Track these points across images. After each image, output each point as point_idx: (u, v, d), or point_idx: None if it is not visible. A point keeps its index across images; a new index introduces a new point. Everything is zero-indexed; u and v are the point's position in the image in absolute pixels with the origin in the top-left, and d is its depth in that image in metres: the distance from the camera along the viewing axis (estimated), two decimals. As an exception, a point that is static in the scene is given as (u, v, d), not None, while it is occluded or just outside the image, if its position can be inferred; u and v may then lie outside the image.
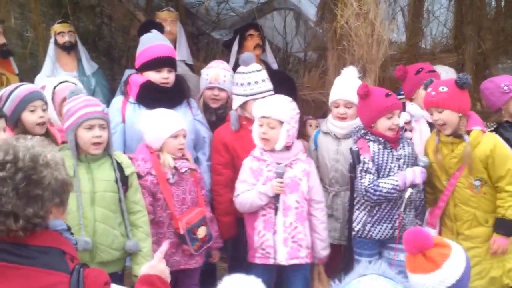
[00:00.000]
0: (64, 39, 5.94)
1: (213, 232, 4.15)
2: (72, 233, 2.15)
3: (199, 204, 4.06)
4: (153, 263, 2.37)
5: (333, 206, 4.40)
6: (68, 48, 5.97)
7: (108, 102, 4.96)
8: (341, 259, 4.41)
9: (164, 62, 4.38)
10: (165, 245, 2.48)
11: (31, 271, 1.96)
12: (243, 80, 4.42)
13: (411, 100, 4.58)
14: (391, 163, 4.08)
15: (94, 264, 3.56)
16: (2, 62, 5.75)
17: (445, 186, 4.07)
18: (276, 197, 3.96)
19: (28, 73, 6.17)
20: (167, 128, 3.95)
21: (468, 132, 3.94)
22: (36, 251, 1.99)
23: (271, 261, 4.01)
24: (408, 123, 4.39)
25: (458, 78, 3.89)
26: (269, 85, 4.46)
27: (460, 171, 3.99)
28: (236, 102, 4.44)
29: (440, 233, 4.12)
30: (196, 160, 4.45)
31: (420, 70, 4.59)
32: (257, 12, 6.99)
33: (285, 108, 4.01)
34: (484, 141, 3.94)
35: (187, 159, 4.05)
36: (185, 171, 3.97)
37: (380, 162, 4.08)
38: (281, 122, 3.97)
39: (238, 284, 2.48)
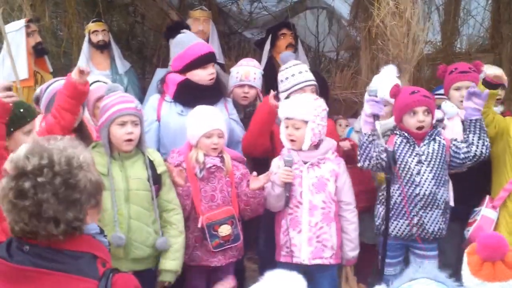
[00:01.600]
0: (98, 38, 6.00)
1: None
2: (105, 236, 2.15)
3: (232, 204, 4.03)
4: None
5: (368, 204, 4.37)
6: (102, 47, 6.02)
7: (139, 101, 4.99)
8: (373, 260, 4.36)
9: (209, 59, 4.44)
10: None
11: (62, 277, 1.95)
12: (282, 76, 4.48)
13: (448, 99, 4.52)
14: (409, 157, 4.00)
15: (128, 261, 3.62)
16: (37, 60, 5.81)
17: None
18: (287, 186, 3.89)
19: (62, 72, 6.21)
20: (201, 127, 3.96)
21: None
22: (69, 256, 1.98)
23: (294, 260, 3.97)
24: (441, 120, 4.30)
25: None
26: (307, 76, 4.44)
27: None
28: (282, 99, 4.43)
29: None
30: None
31: (454, 70, 4.50)
32: (290, 11, 6.97)
33: (308, 107, 3.95)
34: None
35: (222, 158, 4.02)
36: (210, 167, 3.95)
37: (399, 155, 4.01)
38: (306, 122, 3.93)
39: (280, 279, 2.44)
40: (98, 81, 4.57)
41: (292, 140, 4.00)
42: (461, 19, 6.95)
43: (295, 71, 4.43)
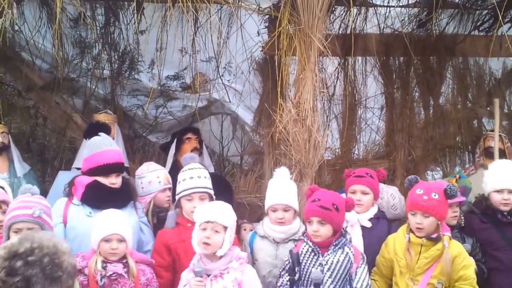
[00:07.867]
0: (-4, 140, 5.82)
1: None
2: None
3: None
4: None
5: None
6: (0, 149, 5.84)
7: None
8: None
9: (112, 169, 4.37)
10: None
11: None
12: (180, 178, 4.43)
13: None
14: (313, 267, 3.94)
15: None
16: None
17: (408, 285, 3.99)
18: None
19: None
20: (100, 231, 3.88)
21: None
22: None
23: None
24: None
25: (449, 189, 3.93)
26: (198, 182, 4.37)
27: (430, 272, 3.95)
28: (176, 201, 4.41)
29: None
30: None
31: (351, 174, 4.68)
32: (195, 116, 7.09)
33: (229, 214, 3.91)
34: (452, 246, 3.97)
35: (125, 263, 3.89)
36: (111, 275, 3.82)
37: (303, 264, 3.97)
38: (225, 228, 3.86)
39: None
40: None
41: (206, 244, 3.83)
42: (358, 127, 7.29)
43: (187, 176, 4.39)
